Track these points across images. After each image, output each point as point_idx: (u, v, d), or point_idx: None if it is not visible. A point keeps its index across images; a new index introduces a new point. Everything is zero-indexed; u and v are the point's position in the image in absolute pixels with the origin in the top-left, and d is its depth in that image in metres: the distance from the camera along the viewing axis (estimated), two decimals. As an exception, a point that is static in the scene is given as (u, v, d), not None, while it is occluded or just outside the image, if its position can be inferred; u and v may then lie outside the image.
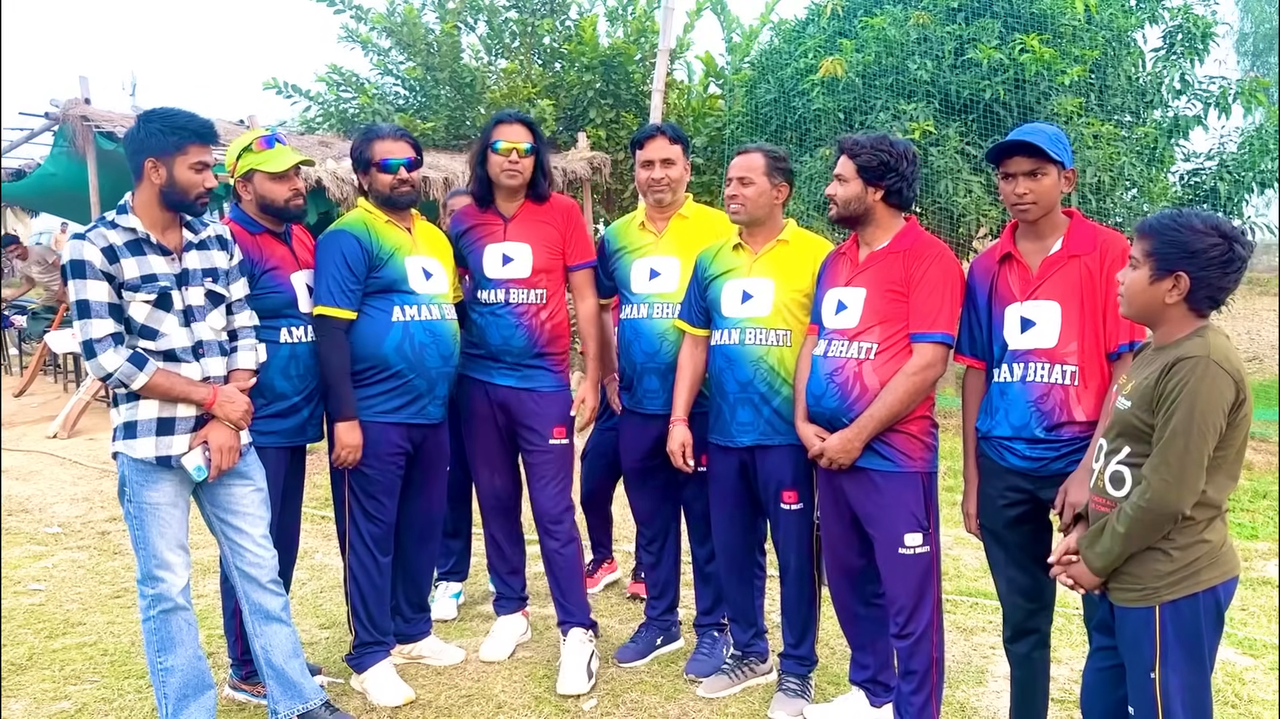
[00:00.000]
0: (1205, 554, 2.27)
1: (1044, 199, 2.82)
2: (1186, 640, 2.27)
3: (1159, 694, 2.27)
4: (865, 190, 3.07)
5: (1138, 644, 2.30)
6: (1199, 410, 2.17)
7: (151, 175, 2.92)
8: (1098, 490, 2.40)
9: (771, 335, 3.34)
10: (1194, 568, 2.27)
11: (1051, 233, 2.85)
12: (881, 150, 3.04)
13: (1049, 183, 2.80)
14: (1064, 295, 2.78)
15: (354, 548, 3.59)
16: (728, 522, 3.58)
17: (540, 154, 3.73)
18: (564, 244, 3.78)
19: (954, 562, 5.05)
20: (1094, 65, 8.86)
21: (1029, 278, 2.84)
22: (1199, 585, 2.27)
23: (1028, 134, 2.82)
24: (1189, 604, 2.27)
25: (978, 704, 3.57)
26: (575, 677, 3.65)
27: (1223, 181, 9.18)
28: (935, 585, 3.13)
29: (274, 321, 3.32)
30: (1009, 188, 2.84)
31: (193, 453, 2.96)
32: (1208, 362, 2.18)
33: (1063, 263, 2.80)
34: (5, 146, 10.93)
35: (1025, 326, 2.83)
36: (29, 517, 6.07)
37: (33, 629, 4.26)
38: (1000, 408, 2.87)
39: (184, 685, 3.07)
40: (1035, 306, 2.81)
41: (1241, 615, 4.36)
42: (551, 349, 3.76)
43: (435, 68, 11.56)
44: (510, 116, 3.73)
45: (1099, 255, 2.76)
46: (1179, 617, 2.27)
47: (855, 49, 9.11)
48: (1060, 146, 2.80)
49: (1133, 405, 2.29)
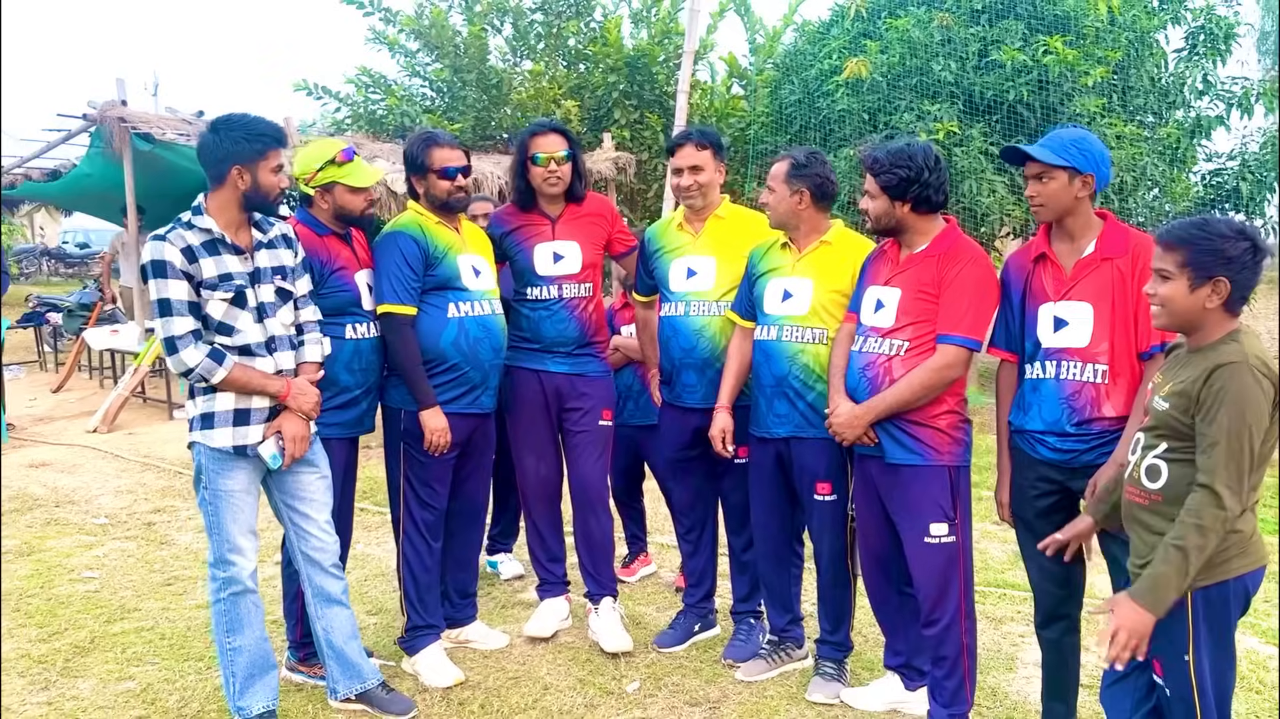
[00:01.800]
0: (1235, 543, 2.38)
1: (1051, 202, 2.94)
2: (1217, 625, 2.39)
3: (1193, 675, 2.39)
4: (892, 205, 3.20)
5: (1171, 630, 2.41)
6: (1248, 416, 2.27)
7: (237, 181, 3.09)
8: (1133, 482, 2.50)
9: (808, 333, 3.48)
10: (1225, 556, 2.37)
11: (1084, 234, 2.96)
12: (900, 166, 3.15)
13: (1055, 186, 2.92)
14: (1096, 297, 2.88)
15: (408, 535, 3.75)
16: (766, 511, 3.72)
17: (576, 158, 3.93)
18: (609, 238, 4.09)
19: (982, 555, 5.16)
20: (1117, 66, 8.93)
21: (1063, 278, 2.95)
22: (1230, 573, 2.38)
23: (1047, 141, 2.95)
24: (1219, 591, 2.38)
25: (1008, 689, 3.69)
26: (619, 635, 3.94)
27: (1245, 181, 9.24)
28: (963, 574, 3.23)
29: (339, 319, 3.49)
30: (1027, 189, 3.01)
31: (268, 442, 3.13)
32: (1246, 367, 2.29)
33: (1095, 265, 2.91)
34: (43, 147, 11.17)
35: (1058, 326, 2.94)
36: (75, 508, 6.25)
37: (91, 614, 4.43)
38: (1033, 403, 2.99)
39: (251, 665, 3.24)
40: (1068, 307, 2.92)
41: (1265, 607, 4.46)
42: (598, 338, 4.05)
43: (462, 69, 11.72)
44: (545, 127, 3.93)
45: (1131, 259, 2.86)
46: (1210, 603, 2.38)
47: (879, 50, 9.22)
48: (1072, 152, 2.89)
49: (1171, 407, 2.39)
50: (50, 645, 4.05)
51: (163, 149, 9.46)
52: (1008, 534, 5.54)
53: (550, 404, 3.99)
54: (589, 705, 3.55)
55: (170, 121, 9.83)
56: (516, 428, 4.06)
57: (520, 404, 4.01)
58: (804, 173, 3.52)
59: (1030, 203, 3.00)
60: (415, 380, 3.59)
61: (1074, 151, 2.90)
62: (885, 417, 3.17)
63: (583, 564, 4.10)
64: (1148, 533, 2.46)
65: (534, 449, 4.05)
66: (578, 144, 3.99)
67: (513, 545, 5.06)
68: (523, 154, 3.90)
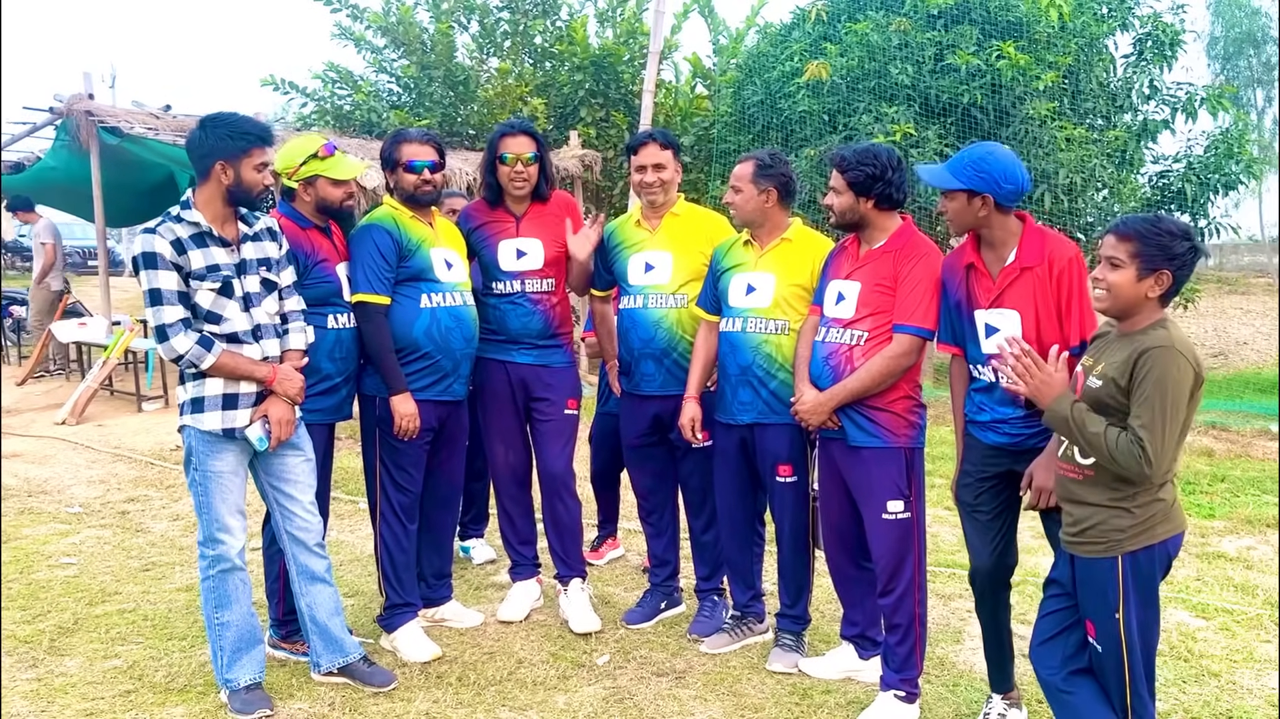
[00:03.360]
0: (1160, 511, 2.63)
1: (955, 218, 3.16)
2: (1143, 585, 2.64)
3: (1122, 632, 2.64)
4: (857, 201, 3.40)
5: (1103, 590, 2.65)
6: (1174, 392, 2.51)
7: (220, 176, 3.22)
8: (1066, 459, 2.74)
9: (771, 325, 3.68)
10: (1150, 523, 2.62)
11: (1004, 244, 3.13)
12: (867, 164, 3.36)
13: (956, 205, 3.12)
14: (1023, 304, 3.07)
15: (384, 517, 3.91)
16: (730, 493, 3.92)
17: (544, 160, 4.10)
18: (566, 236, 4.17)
19: (934, 538, 5.41)
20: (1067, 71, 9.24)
21: (990, 286, 3.14)
22: (1154, 538, 2.63)
23: (951, 162, 3.14)
24: (1146, 554, 2.63)
25: (955, 659, 3.92)
26: (587, 616, 4.11)
27: (1189, 183, 9.59)
28: (916, 549, 3.45)
29: (322, 309, 3.64)
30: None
31: (254, 425, 3.28)
32: (1175, 350, 2.53)
33: (1017, 274, 3.09)
34: (6, 140, 11.13)
35: (989, 332, 3.14)
36: (49, 498, 6.33)
37: (73, 598, 4.53)
38: (984, 404, 3.19)
39: (238, 639, 3.39)
40: (999, 315, 3.12)
41: (1196, 584, 4.74)
42: (562, 330, 4.19)
43: (429, 66, 11.83)
44: (515, 128, 4.09)
45: (1048, 265, 3.05)
46: (1137, 565, 2.63)
47: (839, 53, 9.46)
48: (969, 174, 3.04)
49: (1103, 385, 2.62)
50: (34, 627, 4.16)
51: (130, 143, 9.49)
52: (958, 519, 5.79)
53: (517, 394, 4.15)
54: (562, 677, 3.73)
55: (138, 115, 9.86)
56: (486, 416, 4.22)
57: (489, 394, 4.18)
58: (770, 172, 3.72)
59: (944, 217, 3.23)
60: (387, 367, 3.74)
61: (970, 173, 3.06)
62: (847, 402, 3.38)
63: (552, 548, 4.27)
64: (1079, 506, 2.69)
65: (502, 437, 4.21)
66: (545, 146, 4.15)
67: (484, 531, 5.23)
68: (492, 153, 4.07)
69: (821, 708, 3.51)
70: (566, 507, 4.21)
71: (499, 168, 4.05)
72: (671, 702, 3.54)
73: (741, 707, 3.51)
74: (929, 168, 3.20)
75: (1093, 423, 2.58)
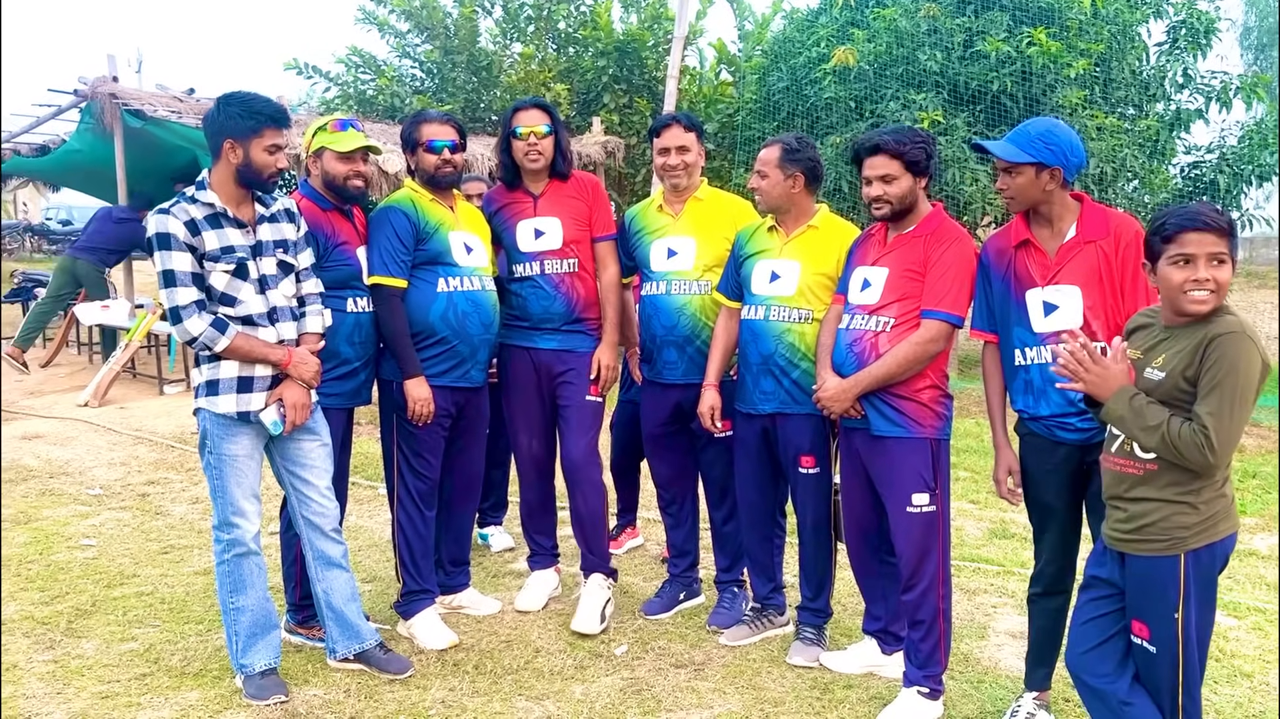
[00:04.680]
0: (1223, 508, 2.54)
1: (1020, 195, 3.06)
2: (1204, 584, 2.54)
3: (1181, 631, 2.54)
4: (915, 183, 3.31)
5: (1163, 589, 2.54)
6: (1242, 380, 2.41)
7: (229, 155, 3.18)
8: (1123, 454, 2.61)
9: (794, 313, 3.60)
10: (1213, 520, 2.53)
11: (1063, 219, 3.07)
12: (921, 142, 3.28)
13: (1023, 180, 3.03)
14: (1084, 279, 3.00)
15: (402, 503, 3.87)
16: (750, 484, 3.85)
17: (559, 134, 4.01)
18: (590, 216, 4.06)
19: (958, 532, 5.32)
20: (1099, 59, 9.09)
21: (1047, 263, 3.05)
22: (1217, 535, 2.54)
23: (1014, 136, 3.05)
24: (1208, 552, 2.54)
25: (980, 655, 3.85)
26: (589, 617, 3.98)
27: (1222, 175, 9.42)
28: (941, 543, 3.36)
29: (341, 292, 3.60)
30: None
31: (269, 409, 3.24)
32: (1245, 336, 2.43)
33: (1079, 248, 3.02)
34: (32, 122, 11.17)
35: (1048, 310, 3.05)
36: (70, 479, 6.34)
37: (91, 579, 4.53)
38: (1044, 388, 3.07)
39: (253, 624, 3.36)
40: (1056, 291, 3.03)
41: (1228, 582, 4.64)
42: (587, 314, 4.05)
43: (452, 51, 11.78)
44: (526, 103, 4.03)
45: (1114, 239, 2.98)
46: (1200, 563, 2.53)
47: (867, 39, 9.34)
48: (1038, 146, 2.98)
49: (1168, 376, 2.50)
50: (52, 608, 4.16)
51: (153, 126, 9.49)
52: (983, 513, 5.73)
53: (542, 381, 4.07)
54: (579, 667, 3.68)
55: (161, 98, 9.85)
56: (510, 405, 4.16)
57: (513, 381, 4.11)
58: (798, 157, 3.64)
59: (1001, 195, 3.13)
60: (401, 350, 3.69)
61: (1039, 146, 2.99)
62: (871, 390, 3.29)
63: (576, 538, 4.20)
64: (1137, 502, 2.56)
65: (526, 426, 4.15)
66: (560, 121, 4.07)
67: (503, 518, 5.19)
68: (506, 129, 4.00)
69: (843, 703, 3.45)
70: (587, 499, 4.10)
71: (513, 144, 3.98)
72: (690, 694, 3.49)
73: (761, 700, 3.45)
74: (995, 142, 3.09)
75: (1153, 414, 2.47)
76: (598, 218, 4.09)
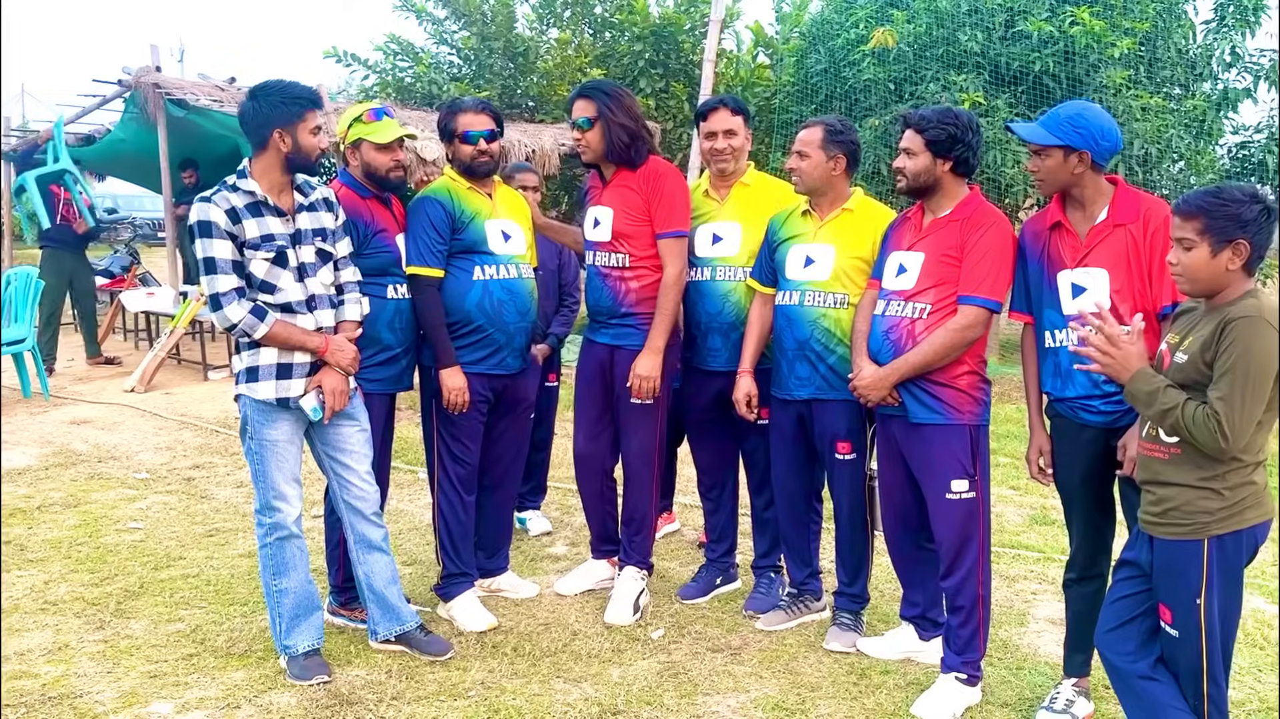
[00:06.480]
0: (1251, 495, 2.50)
1: (1049, 177, 3.04)
2: (1228, 571, 2.52)
3: (1203, 618, 2.52)
4: (934, 163, 3.28)
5: (1185, 574, 2.53)
6: (1255, 364, 2.38)
7: (279, 144, 3.22)
8: (1150, 439, 2.61)
9: (830, 298, 3.58)
10: (1240, 506, 2.50)
11: (1095, 202, 3.04)
12: (948, 123, 3.24)
13: (1051, 163, 3.01)
14: (1112, 262, 2.97)
15: (442, 487, 3.91)
16: (787, 470, 3.85)
17: (607, 122, 3.79)
18: (649, 209, 3.81)
19: (998, 518, 5.28)
20: (1144, 38, 8.92)
21: (1078, 245, 3.04)
22: (1243, 523, 2.51)
23: (1045, 118, 3.02)
24: (1233, 539, 2.51)
25: (1019, 642, 3.83)
26: (621, 610, 3.97)
27: (1271, 155, 9.22)
28: (981, 529, 3.35)
29: (381, 279, 3.63)
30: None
31: (309, 395, 3.29)
32: (1260, 320, 2.40)
33: (1109, 231, 2.99)
34: (78, 112, 11.36)
35: (1076, 292, 3.03)
36: (118, 464, 6.47)
37: (139, 562, 4.62)
38: (1069, 369, 3.06)
39: (296, 606, 3.42)
40: (1085, 273, 3.01)
41: (1273, 570, 4.57)
42: (638, 310, 3.87)
43: (489, 37, 11.81)
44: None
45: (1143, 223, 2.96)
46: (1224, 550, 2.51)
47: (906, 20, 9.24)
48: (1066, 129, 2.95)
49: (1189, 360, 2.50)
50: (102, 589, 4.25)
51: (196, 115, 9.61)
52: (1023, 499, 5.68)
53: (603, 375, 4.00)
54: (616, 650, 3.71)
55: (204, 87, 9.98)
56: (575, 397, 4.14)
57: (579, 373, 4.09)
58: (840, 139, 3.61)
59: (1033, 177, 3.10)
60: (437, 339, 3.72)
61: (1067, 128, 2.96)
62: (909, 377, 3.27)
63: (621, 532, 4.18)
64: (1164, 486, 2.56)
65: (582, 424, 4.10)
66: (614, 108, 3.80)
67: (541, 503, 5.22)
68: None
69: (880, 688, 3.45)
70: (633, 495, 4.07)
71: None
72: (726, 678, 3.50)
73: (798, 685, 3.46)
74: (1024, 125, 3.08)
75: (1169, 398, 2.46)
76: (659, 212, 3.80)
